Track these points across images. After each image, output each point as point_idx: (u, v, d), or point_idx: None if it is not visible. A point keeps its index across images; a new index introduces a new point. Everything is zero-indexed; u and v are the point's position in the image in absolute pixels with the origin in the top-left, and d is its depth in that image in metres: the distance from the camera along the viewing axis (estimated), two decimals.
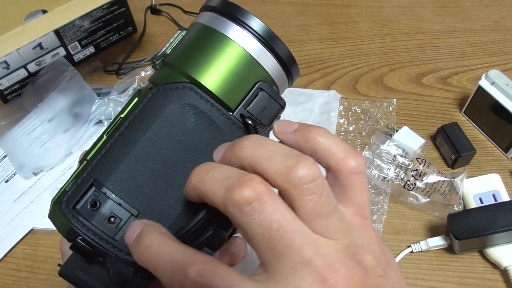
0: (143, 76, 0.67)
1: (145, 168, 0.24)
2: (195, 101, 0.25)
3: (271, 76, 0.27)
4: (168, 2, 0.84)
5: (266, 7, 0.82)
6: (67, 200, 0.24)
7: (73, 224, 0.24)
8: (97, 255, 0.24)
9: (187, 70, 0.26)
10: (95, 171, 0.25)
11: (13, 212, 0.59)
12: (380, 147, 0.55)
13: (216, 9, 0.27)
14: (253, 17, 0.27)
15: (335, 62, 0.73)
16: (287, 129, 0.24)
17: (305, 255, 0.19)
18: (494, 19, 0.78)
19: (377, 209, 0.55)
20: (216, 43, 0.26)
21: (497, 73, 0.58)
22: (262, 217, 0.19)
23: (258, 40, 0.27)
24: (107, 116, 0.64)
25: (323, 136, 0.23)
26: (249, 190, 0.19)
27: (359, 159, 0.22)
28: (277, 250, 0.19)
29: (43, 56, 0.68)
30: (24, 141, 0.64)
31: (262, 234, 0.19)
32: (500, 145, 0.60)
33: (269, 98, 0.26)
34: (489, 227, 0.47)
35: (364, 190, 0.23)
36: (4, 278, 0.54)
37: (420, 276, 0.51)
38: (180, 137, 0.25)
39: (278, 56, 0.27)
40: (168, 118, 0.25)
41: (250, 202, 0.19)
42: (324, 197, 0.20)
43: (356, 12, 0.81)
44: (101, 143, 0.26)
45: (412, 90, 0.68)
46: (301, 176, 0.20)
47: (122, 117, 0.26)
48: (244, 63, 0.26)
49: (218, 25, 0.27)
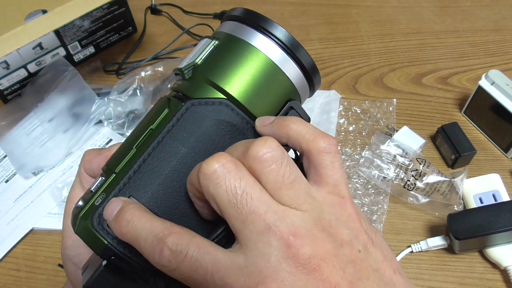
0: (143, 76, 0.67)
1: (182, 185, 0.24)
2: (231, 118, 0.25)
3: (295, 87, 0.28)
4: (168, 2, 0.84)
5: (266, 7, 0.82)
6: (99, 217, 0.24)
7: (108, 242, 0.23)
8: (132, 272, 0.24)
9: (224, 85, 0.26)
10: (130, 187, 0.24)
11: (13, 212, 0.59)
12: (380, 147, 0.55)
13: (240, 19, 0.28)
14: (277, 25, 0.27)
15: (335, 62, 0.73)
16: (265, 122, 0.25)
17: (269, 220, 0.21)
18: (494, 19, 0.78)
19: (377, 209, 0.55)
20: (245, 55, 0.26)
21: (497, 73, 0.58)
22: (227, 183, 0.21)
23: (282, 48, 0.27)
24: (107, 116, 0.64)
25: (295, 123, 0.24)
26: (215, 162, 0.21)
27: (327, 139, 0.23)
28: (243, 215, 0.21)
29: (43, 56, 0.68)
30: (24, 141, 0.64)
31: (229, 200, 0.21)
32: (500, 145, 0.60)
33: (298, 116, 0.27)
34: (489, 227, 0.47)
35: (335, 169, 0.23)
36: (4, 278, 0.54)
37: (420, 276, 0.51)
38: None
39: (301, 65, 0.27)
40: (205, 135, 0.25)
41: (215, 170, 0.21)
42: (284, 167, 0.22)
43: (356, 12, 0.81)
44: (131, 155, 0.25)
45: (412, 90, 0.68)
46: (258, 150, 0.21)
47: (153, 128, 0.25)
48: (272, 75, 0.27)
49: (245, 35, 0.27)
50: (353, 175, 0.57)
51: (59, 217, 0.58)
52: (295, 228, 0.21)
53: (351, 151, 0.60)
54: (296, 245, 0.21)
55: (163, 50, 0.75)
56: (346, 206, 0.23)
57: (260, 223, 0.21)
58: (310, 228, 0.21)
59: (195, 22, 0.79)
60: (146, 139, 0.25)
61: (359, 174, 0.56)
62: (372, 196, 0.55)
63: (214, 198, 0.21)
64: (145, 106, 0.65)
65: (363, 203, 0.55)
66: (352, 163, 0.59)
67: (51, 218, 0.58)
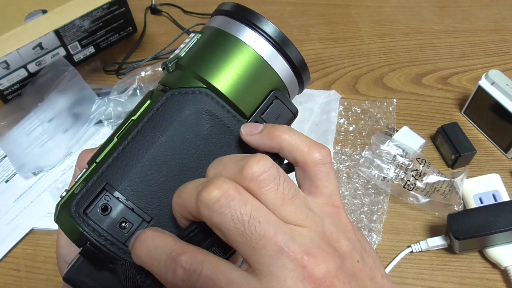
0: (143, 76, 0.67)
1: (159, 173, 0.24)
2: (211, 107, 0.25)
3: (284, 82, 0.27)
4: (168, 2, 0.84)
5: (266, 7, 0.82)
6: (77, 204, 0.23)
7: (83, 229, 0.23)
8: (107, 261, 0.24)
9: (204, 74, 0.26)
10: (107, 175, 0.24)
11: (13, 212, 0.59)
12: (380, 147, 0.55)
13: (229, 13, 0.27)
14: (266, 20, 0.27)
15: (335, 62, 0.73)
16: (253, 131, 0.24)
17: (280, 242, 0.20)
18: (494, 19, 0.78)
19: (377, 209, 0.55)
20: (231, 47, 0.26)
21: (497, 73, 0.58)
22: (232, 212, 0.20)
23: (271, 43, 0.27)
24: (107, 116, 0.64)
25: (287, 133, 0.23)
26: (216, 189, 0.20)
27: (323, 150, 0.23)
28: (253, 241, 0.20)
29: (43, 56, 0.68)
30: (24, 141, 0.64)
31: (236, 228, 0.20)
32: (500, 145, 0.60)
33: (283, 106, 0.27)
34: (489, 227, 0.47)
35: (331, 180, 0.23)
36: (4, 278, 0.54)
37: (420, 276, 0.51)
38: (195, 143, 0.25)
39: (290, 61, 0.27)
40: (184, 123, 0.25)
41: (218, 199, 0.20)
42: (282, 184, 0.21)
43: (356, 12, 0.81)
44: (112, 145, 0.25)
45: (412, 90, 0.68)
46: (253, 170, 0.21)
47: (134, 119, 0.26)
48: (258, 68, 0.26)
49: (232, 29, 0.27)
50: (353, 175, 0.57)
51: None
52: (307, 246, 0.21)
53: (351, 151, 0.60)
54: (311, 265, 0.20)
55: (163, 50, 0.75)
56: (341, 216, 0.23)
57: (272, 247, 0.20)
58: (319, 244, 0.21)
59: (195, 22, 0.79)
60: (127, 130, 0.25)
61: (359, 174, 0.56)
62: (372, 196, 0.55)
63: (219, 227, 0.20)
64: None
65: (363, 203, 0.55)
66: (352, 163, 0.59)
67: (51, 218, 0.58)
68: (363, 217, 0.54)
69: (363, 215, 0.54)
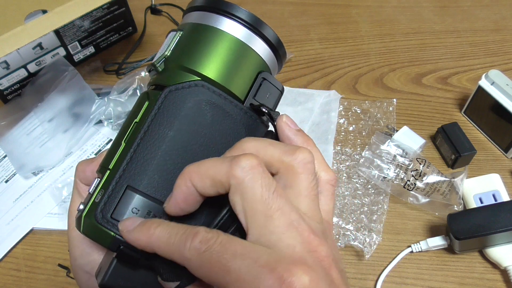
0: (143, 76, 0.67)
1: (175, 166, 0.25)
2: (209, 97, 0.26)
3: (266, 62, 0.29)
4: (168, 2, 0.84)
5: (266, 7, 0.82)
6: (102, 211, 0.24)
7: (115, 233, 0.24)
8: (143, 258, 0.24)
9: (195, 67, 0.27)
10: (126, 178, 0.25)
11: (13, 212, 0.59)
12: (380, 147, 0.55)
13: (203, 8, 0.29)
14: (238, 7, 0.28)
15: (335, 62, 0.73)
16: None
17: (293, 218, 0.22)
18: (494, 19, 0.78)
19: (377, 209, 0.54)
20: (213, 38, 0.28)
21: (497, 73, 0.58)
22: (263, 178, 0.22)
23: (247, 27, 0.28)
24: (107, 116, 0.64)
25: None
26: (253, 158, 0.22)
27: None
28: (271, 210, 0.22)
29: (43, 56, 0.68)
30: (24, 141, 0.64)
31: (261, 194, 0.22)
32: (500, 145, 0.60)
33: (271, 85, 0.28)
34: (489, 227, 0.47)
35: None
36: (4, 278, 0.54)
37: (420, 276, 0.51)
38: (202, 132, 0.26)
39: (267, 40, 0.29)
40: (188, 116, 0.26)
41: (256, 166, 0.22)
42: (315, 180, 0.24)
43: (356, 12, 0.81)
44: (121, 150, 0.26)
45: (412, 90, 0.68)
46: (304, 156, 0.24)
47: (137, 121, 0.26)
48: (243, 53, 0.28)
49: (210, 21, 0.28)
50: (353, 175, 0.57)
51: (59, 217, 0.58)
52: (312, 229, 0.23)
53: (351, 151, 0.60)
54: (315, 243, 0.22)
55: None
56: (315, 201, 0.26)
57: (285, 220, 0.22)
58: (321, 234, 0.23)
59: None
60: (133, 132, 0.26)
61: (359, 174, 0.56)
62: (372, 196, 0.55)
63: (246, 190, 0.22)
64: None
65: (363, 203, 0.55)
66: (352, 163, 0.59)
67: (51, 218, 0.58)
68: (363, 217, 0.54)
69: (363, 215, 0.54)
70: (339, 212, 0.54)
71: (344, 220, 0.54)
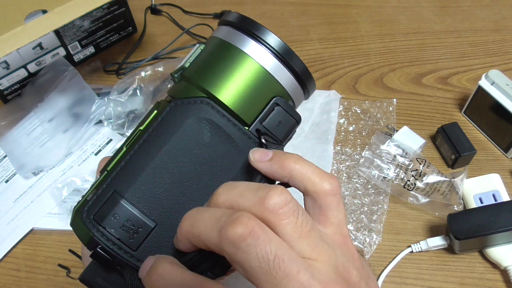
0: (143, 76, 0.67)
1: (163, 181, 0.25)
2: (211, 116, 0.26)
3: (287, 91, 0.28)
4: (168, 2, 0.84)
5: (266, 7, 0.82)
6: (88, 210, 0.25)
7: (93, 234, 0.24)
8: (115, 264, 0.25)
9: (205, 85, 0.26)
10: (115, 183, 0.25)
11: (13, 212, 0.59)
12: (380, 147, 0.55)
13: (233, 24, 0.28)
14: (270, 32, 0.27)
15: (335, 62, 0.73)
16: (263, 158, 0.25)
17: (303, 281, 0.20)
18: (494, 19, 0.78)
19: (377, 209, 0.55)
20: (233, 59, 0.27)
21: (497, 73, 0.58)
22: (258, 250, 0.20)
23: (275, 55, 0.27)
24: (107, 116, 0.64)
25: (297, 162, 0.24)
26: (242, 227, 0.20)
27: (333, 181, 0.24)
28: (277, 280, 0.20)
29: (43, 56, 0.68)
30: (24, 141, 0.64)
31: (260, 267, 0.20)
32: (500, 145, 0.60)
33: (285, 113, 0.27)
34: (489, 227, 0.47)
35: (340, 210, 0.24)
36: (4, 278, 0.54)
37: (420, 276, 0.51)
38: (197, 151, 0.25)
39: (294, 71, 0.27)
40: (186, 132, 0.25)
41: (245, 238, 0.20)
42: (301, 217, 0.22)
43: (356, 12, 0.81)
44: (121, 154, 0.26)
45: (412, 90, 0.68)
46: (275, 202, 0.21)
47: (141, 129, 0.27)
48: (261, 79, 0.27)
49: (235, 40, 0.27)
50: (353, 175, 0.57)
51: (59, 217, 0.58)
52: (325, 282, 0.21)
53: (351, 151, 0.60)
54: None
55: (163, 50, 0.75)
56: (348, 245, 0.24)
57: (295, 284, 0.20)
58: (334, 278, 0.22)
59: (195, 22, 0.79)
60: (135, 139, 0.26)
61: (359, 174, 0.56)
62: (372, 196, 0.55)
63: (243, 264, 0.20)
64: (145, 106, 0.65)
65: (363, 203, 0.55)
66: (352, 163, 0.59)
67: (51, 218, 0.58)
68: (363, 217, 0.54)
69: (363, 215, 0.54)
70: None
71: None
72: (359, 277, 0.23)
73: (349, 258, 0.24)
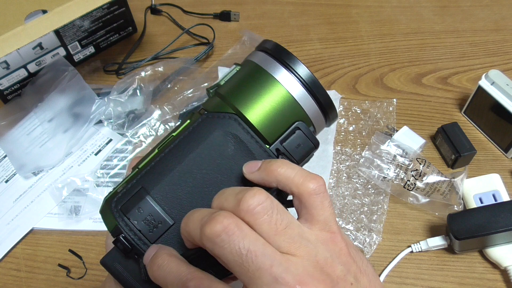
0: (143, 76, 0.67)
1: (186, 184, 0.28)
2: (237, 131, 0.28)
3: (310, 118, 0.30)
4: (168, 2, 0.84)
5: (266, 7, 0.82)
6: (117, 201, 0.28)
7: (118, 223, 0.27)
8: (133, 252, 0.27)
9: (235, 102, 0.29)
10: (143, 180, 0.28)
11: (13, 212, 0.59)
12: (380, 147, 0.55)
13: (268, 51, 0.30)
14: (300, 63, 0.30)
15: (335, 62, 0.73)
16: (253, 169, 0.27)
17: (275, 273, 0.22)
18: (494, 19, 0.78)
19: (377, 209, 0.55)
20: (264, 82, 0.29)
21: (497, 73, 0.58)
22: (231, 246, 0.22)
23: (302, 84, 0.29)
24: (107, 116, 0.64)
25: (281, 166, 0.26)
26: (217, 224, 0.22)
27: (315, 181, 0.25)
28: (250, 272, 0.22)
29: (43, 56, 0.68)
30: (24, 141, 0.64)
31: (234, 260, 0.22)
32: (500, 145, 0.60)
33: (305, 137, 0.29)
34: (489, 227, 0.47)
35: (325, 208, 0.25)
36: (4, 278, 0.54)
37: (420, 276, 0.51)
38: (220, 161, 0.28)
39: (318, 101, 0.30)
40: (212, 143, 0.28)
41: (219, 234, 0.22)
42: (275, 216, 0.23)
43: (356, 12, 0.81)
44: (153, 155, 0.29)
45: (412, 90, 0.68)
46: (249, 203, 0.23)
47: (174, 135, 0.30)
48: (287, 104, 0.29)
49: (268, 66, 0.30)
50: (353, 175, 0.57)
51: (59, 217, 0.58)
52: (300, 276, 0.22)
53: (351, 151, 0.60)
54: (309, 282, 0.22)
55: (163, 50, 0.75)
56: (336, 241, 0.25)
57: (267, 277, 0.22)
58: (312, 272, 0.23)
59: (195, 22, 0.79)
60: (166, 143, 0.29)
61: (359, 174, 0.56)
62: (372, 196, 0.55)
63: (220, 258, 0.23)
64: (145, 106, 0.66)
65: (363, 203, 0.55)
66: (352, 163, 0.59)
67: (51, 218, 0.58)
68: (363, 217, 0.54)
69: (363, 215, 0.54)
70: (339, 212, 0.54)
71: (344, 220, 0.54)
72: (345, 271, 0.24)
73: (335, 253, 0.25)
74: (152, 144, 0.64)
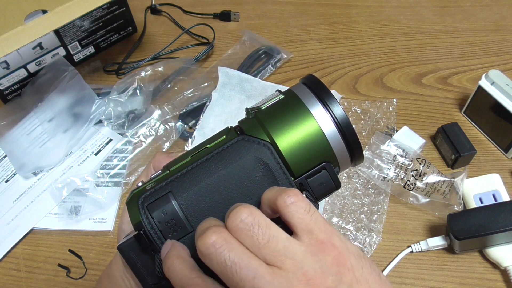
0: (143, 76, 0.67)
1: (211, 198, 0.29)
2: (268, 160, 0.29)
3: (337, 158, 0.31)
4: (168, 2, 0.84)
5: (266, 7, 0.82)
6: (144, 198, 0.29)
7: (142, 219, 0.29)
8: (151, 248, 0.29)
9: (271, 131, 0.30)
10: (173, 184, 0.30)
11: (13, 212, 0.59)
12: (380, 147, 0.55)
13: (309, 85, 0.32)
14: (336, 102, 0.30)
15: (335, 62, 0.73)
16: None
17: (257, 285, 0.23)
18: (494, 19, 0.78)
19: (377, 209, 0.55)
20: (300, 115, 0.30)
21: (497, 73, 0.58)
22: (218, 258, 0.24)
23: (335, 123, 0.30)
24: (107, 116, 0.64)
25: (265, 192, 0.27)
26: (206, 239, 0.24)
27: (285, 193, 0.26)
28: (234, 283, 0.23)
29: (43, 56, 0.68)
30: (24, 141, 0.64)
31: (221, 271, 0.24)
32: (500, 145, 0.60)
33: (329, 178, 0.30)
34: (489, 227, 0.47)
35: (301, 216, 0.25)
36: (4, 278, 0.54)
37: (420, 276, 0.51)
38: (246, 184, 0.29)
39: (347, 142, 0.30)
40: (243, 165, 0.29)
41: (208, 247, 0.24)
42: (257, 231, 0.24)
43: (356, 12, 0.81)
44: (185, 162, 0.31)
45: (412, 90, 0.68)
46: (231, 221, 0.25)
47: (208, 147, 0.31)
48: (317, 140, 0.30)
49: (306, 99, 0.31)
50: (353, 175, 0.57)
51: (59, 217, 0.58)
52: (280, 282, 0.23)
53: None
54: None
55: (163, 50, 0.75)
56: (327, 250, 0.25)
57: None
58: (295, 285, 0.23)
59: (195, 22, 0.79)
60: (199, 153, 0.31)
61: (359, 174, 0.56)
62: (372, 196, 0.55)
63: (211, 268, 0.24)
64: (145, 106, 0.66)
65: (363, 203, 0.55)
66: None
67: (51, 218, 0.58)
68: (363, 217, 0.54)
69: (363, 215, 0.54)
70: (339, 212, 0.54)
71: (344, 220, 0.54)
72: (337, 281, 0.24)
73: (326, 264, 0.24)
74: (152, 144, 0.64)
